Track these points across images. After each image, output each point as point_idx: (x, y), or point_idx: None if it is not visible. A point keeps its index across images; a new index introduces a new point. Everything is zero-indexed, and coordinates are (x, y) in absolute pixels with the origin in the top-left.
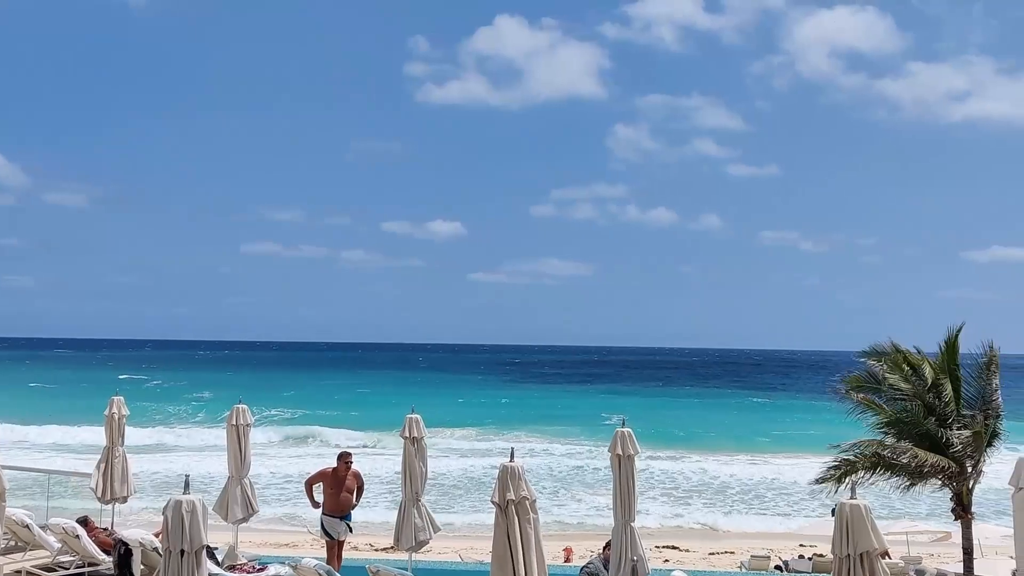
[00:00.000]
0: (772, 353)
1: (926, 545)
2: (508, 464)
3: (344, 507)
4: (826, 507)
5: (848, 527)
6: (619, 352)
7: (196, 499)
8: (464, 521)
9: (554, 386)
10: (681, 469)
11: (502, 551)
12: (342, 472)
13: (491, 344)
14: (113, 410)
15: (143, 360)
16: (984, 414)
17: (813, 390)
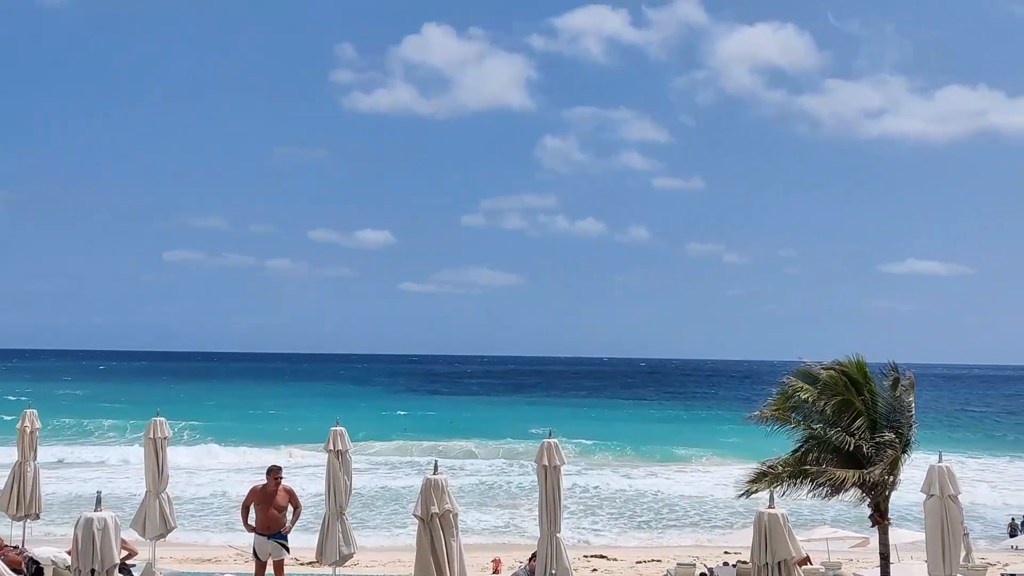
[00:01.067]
0: (698, 363)
1: (845, 551)
2: (431, 477)
3: (272, 525)
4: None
5: (766, 536)
6: (548, 362)
7: (108, 516)
8: (386, 536)
9: (482, 397)
10: (607, 481)
11: (425, 565)
12: (271, 488)
13: (420, 354)
14: (25, 423)
15: (58, 371)
16: (897, 429)
17: (737, 399)
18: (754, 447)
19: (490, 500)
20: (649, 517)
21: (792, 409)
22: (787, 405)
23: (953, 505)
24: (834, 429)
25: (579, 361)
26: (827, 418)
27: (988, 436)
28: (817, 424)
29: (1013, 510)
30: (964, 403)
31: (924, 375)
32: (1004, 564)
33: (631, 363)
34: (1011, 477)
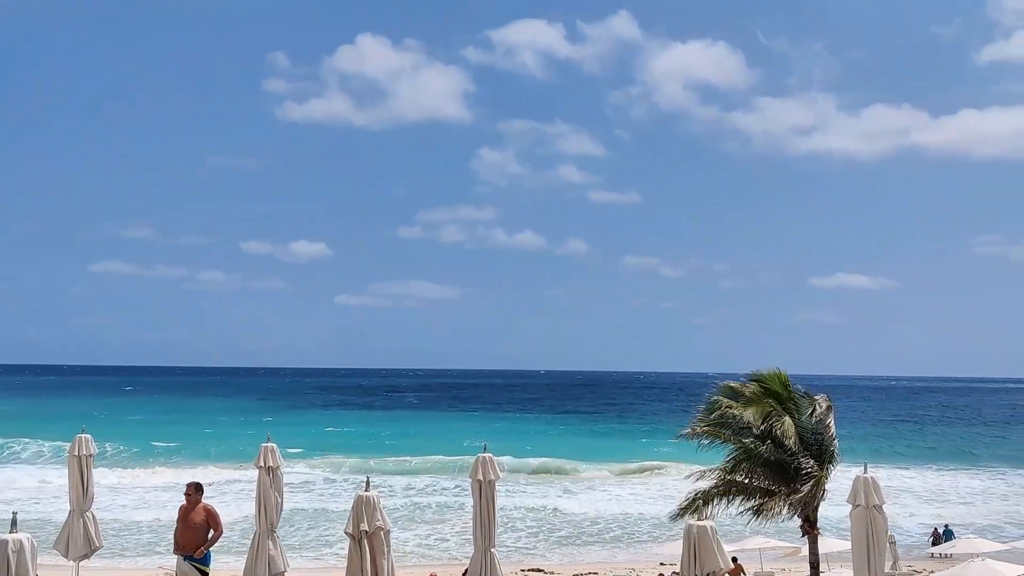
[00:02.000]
0: (634, 375)
1: (777, 561)
2: (363, 494)
3: (187, 545)
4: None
5: (695, 549)
6: (485, 375)
7: (24, 538)
8: (313, 555)
9: (417, 411)
10: (546, 492)
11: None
12: (188, 505)
13: (356, 368)
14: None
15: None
16: (821, 445)
17: (670, 412)
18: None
19: (422, 516)
20: (576, 532)
21: (720, 424)
22: (715, 420)
23: (878, 515)
24: (763, 443)
25: (516, 374)
26: (756, 430)
27: (913, 446)
28: (747, 438)
29: (937, 519)
30: (890, 414)
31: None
32: (930, 572)
33: (568, 376)
34: (936, 486)
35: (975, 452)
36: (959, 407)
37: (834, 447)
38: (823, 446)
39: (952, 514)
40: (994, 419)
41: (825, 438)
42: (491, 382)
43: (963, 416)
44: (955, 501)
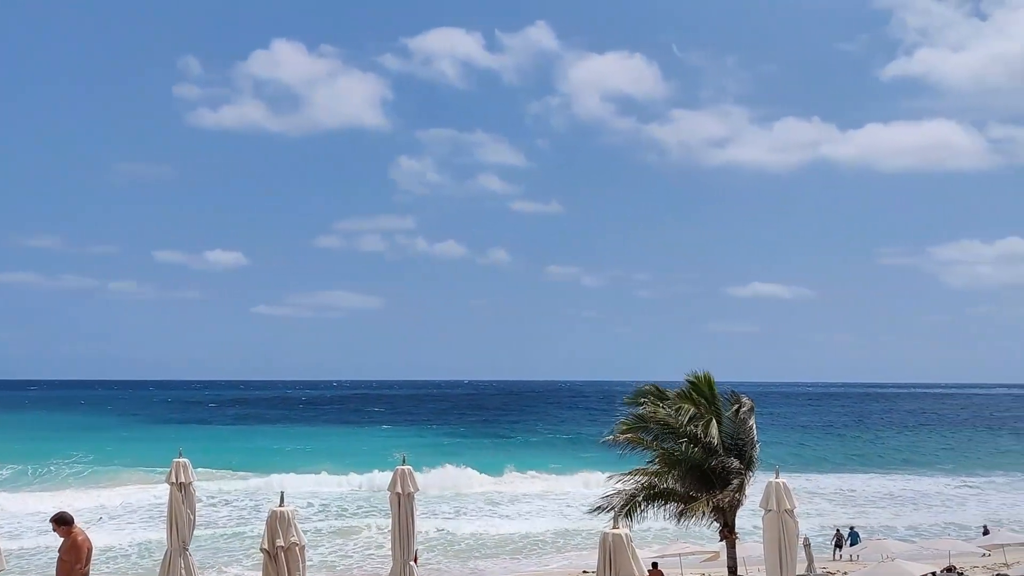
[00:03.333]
0: (556, 384)
1: (697, 565)
2: (277, 509)
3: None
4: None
5: (611, 556)
6: (406, 386)
7: None
8: (230, 571)
9: (335, 422)
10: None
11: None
12: (65, 539)
13: (274, 379)
14: None
15: None
16: (742, 449)
17: (591, 421)
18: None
19: (340, 530)
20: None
21: (642, 429)
22: (638, 423)
23: (789, 519)
24: (688, 447)
25: (439, 384)
26: (681, 433)
27: (826, 451)
28: (669, 443)
29: (849, 521)
30: (803, 420)
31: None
32: (844, 573)
33: (491, 385)
34: (847, 489)
35: (885, 456)
36: (869, 413)
37: (755, 451)
38: (744, 450)
39: (863, 516)
40: (903, 424)
41: (747, 442)
42: (412, 392)
43: (873, 421)
44: (866, 504)
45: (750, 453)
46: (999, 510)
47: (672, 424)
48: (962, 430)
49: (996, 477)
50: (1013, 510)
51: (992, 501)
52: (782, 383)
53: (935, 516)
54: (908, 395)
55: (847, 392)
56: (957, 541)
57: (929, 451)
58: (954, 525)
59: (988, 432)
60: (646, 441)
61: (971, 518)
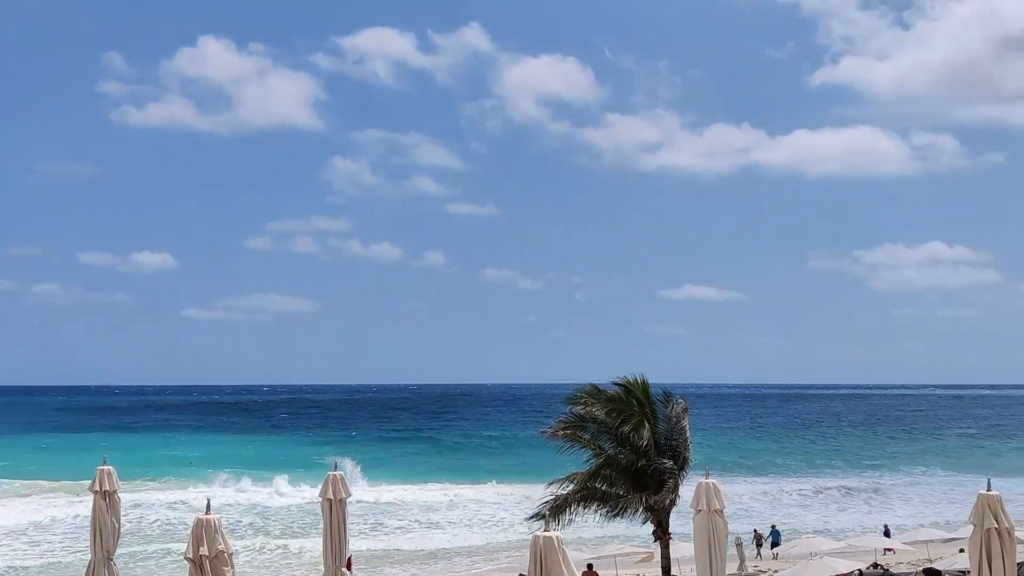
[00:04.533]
0: (493, 387)
1: (632, 566)
2: (203, 516)
3: None
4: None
5: (542, 559)
6: (341, 390)
7: None
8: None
9: (264, 428)
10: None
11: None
12: None
13: (205, 385)
14: None
15: None
16: (675, 450)
17: (527, 423)
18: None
19: (268, 536)
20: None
21: (581, 428)
22: (576, 422)
23: (719, 519)
24: (623, 448)
25: (374, 388)
26: (616, 435)
27: (757, 452)
28: (605, 443)
29: (780, 521)
30: (735, 421)
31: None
32: (774, 571)
33: (428, 389)
34: (777, 489)
35: (815, 457)
36: (799, 414)
37: (688, 452)
38: (678, 451)
39: (792, 516)
40: (832, 424)
41: (680, 443)
42: (346, 397)
43: (803, 422)
44: (794, 503)
45: (684, 454)
46: (924, 509)
47: (608, 424)
48: (888, 430)
49: (918, 476)
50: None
51: (915, 500)
52: (715, 384)
53: (863, 515)
54: (835, 396)
55: (778, 393)
56: (883, 538)
57: (855, 451)
58: (880, 524)
59: (908, 432)
60: (583, 439)
61: (896, 518)
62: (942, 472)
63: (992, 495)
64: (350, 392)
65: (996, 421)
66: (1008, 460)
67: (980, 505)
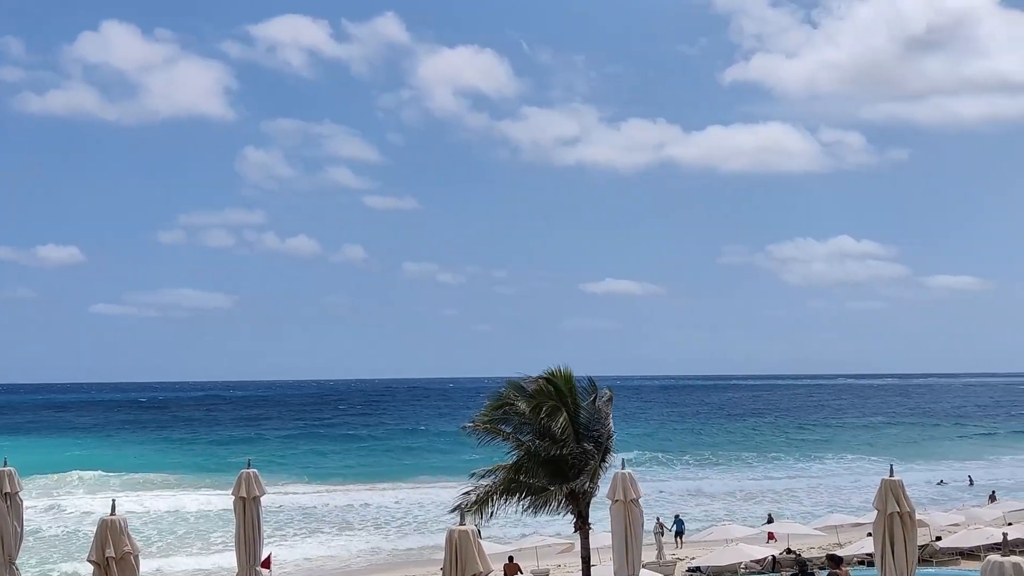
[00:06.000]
0: (416, 382)
1: (554, 557)
2: (108, 517)
3: None
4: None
5: (457, 552)
6: (257, 387)
7: None
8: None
9: (179, 426)
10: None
11: None
12: None
13: (116, 382)
14: None
15: None
16: (597, 440)
17: (453, 417)
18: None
19: (180, 537)
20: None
21: (502, 420)
22: (499, 416)
23: (634, 508)
24: (544, 440)
25: (291, 384)
26: (538, 427)
27: (674, 442)
28: (527, 436)
29: (699, 509)
30: (656, 412)
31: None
32: (691, 558)
33: (348, 384)
34: (694, 477)
35: (731, 446)
36: (717, 404)
37: (611, 443)
38: (599, 441)
39: (707, 504)
40: (743, 415)
41: (602, 433)
42: (263, 394)
43: (720, 413)
44: (713, 492)
45: (606, 444)
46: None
47: (529, 416)
48: (801, 420)
49: (828, 462)
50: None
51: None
52: (637, 376)
53: (776, 502)
54: (746, 387)
55: (697, 385)
56: (795, 524)
57: (775, 441)
58: (790, 511)
59: (819, 421)
60: (505, 433)
61: (804, 507)
62: (850, 457)
63: (894, 480)
64: (266, 389)
65: (905, 409)
66: (920, 446)
67: (883, 490)
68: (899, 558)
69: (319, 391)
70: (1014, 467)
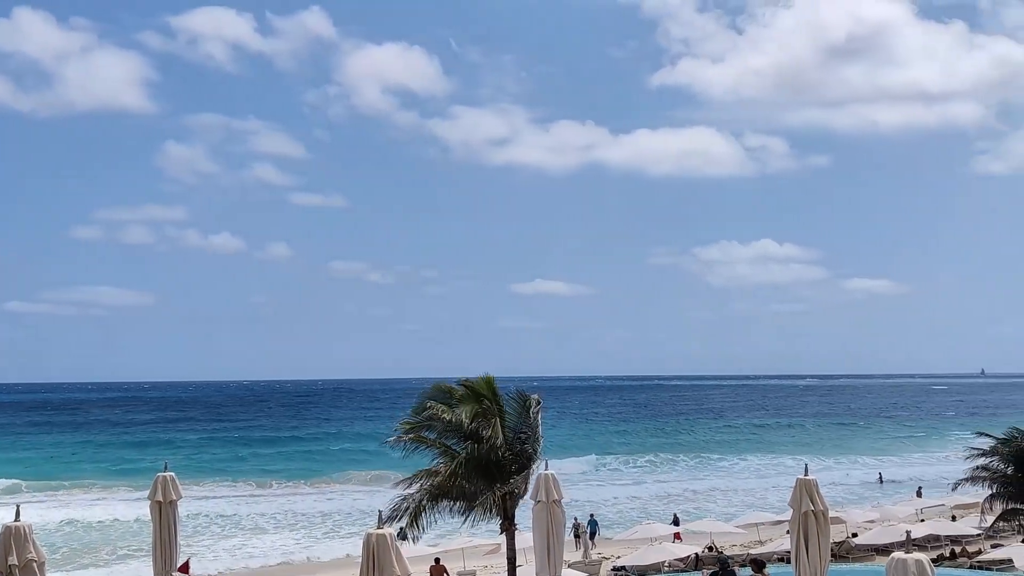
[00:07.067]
0: (344, 383)
1: (480, 558)
2: (12, 524)
3: None
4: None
5: (375, 557)
6: (179, 387)
7: None
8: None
9: (95, 427)
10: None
11: None
12: None
13: (29, 383)
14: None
15: None
16: (525, 443)
17: (381, 419)
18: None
19: (90, 544)
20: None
21: (426, 428)
22: (423, 422)
23: (557, 509)
24: (475, 444)
25: (213, 385)
26: (466, 433)
27: (603, 442)
28: (453, 440)
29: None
30: (583, 412)
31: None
32: (617, 556)
33: (273, 386)
34: (616, 478)
35: (651, 446)
36: (644, 404)
37: (539, 445)
38: (527, 444)
39: (629, 504)
40: (669, 415)
41: (530, 437)
42: (183, 396)
43: (642, 412)
44: (636, 492)
45: (533, 447)
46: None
47: (455, 423)
48: (726, 419)
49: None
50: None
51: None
52: (566, 377)
53: (695, 501)
54: (672, 387)
55: (624, 385)
56: (717, 523)
57: (700, 440)
58: (712, 509)
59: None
60: (429, 440)
61: (730, 504)
62: (772, 456)
63: (809, 480)
64: (187, 390)
65: (825, 409)
66: (838, 445)
67: (798, 489)
68: (813, 555)
69: (242, 392)
70: (925, 465)
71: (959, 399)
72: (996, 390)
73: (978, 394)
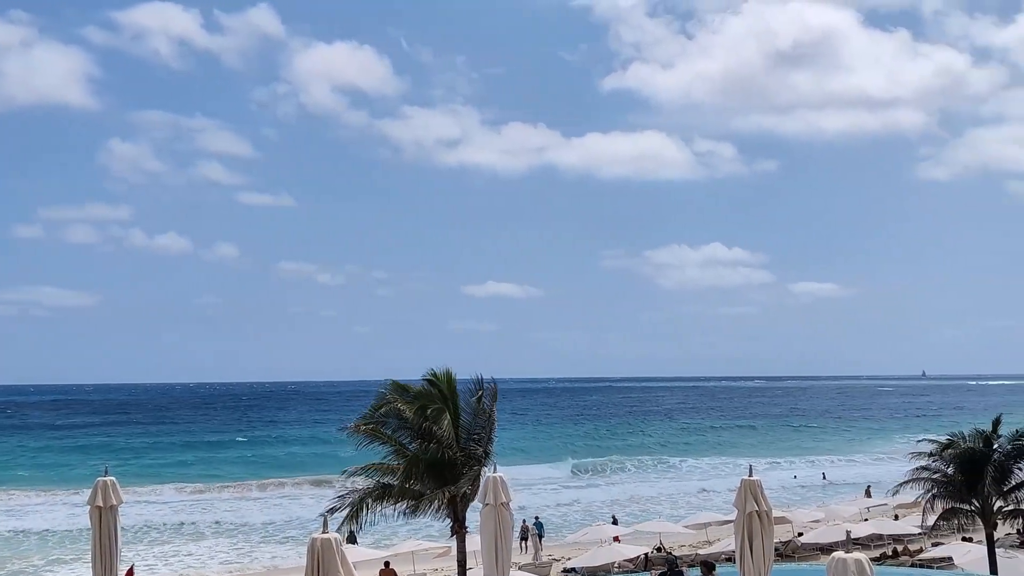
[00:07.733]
0: (292, 385)
1: (430, 561)
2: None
3: None
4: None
5: (319, 560)
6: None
7: None
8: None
9: (33, 429)
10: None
11: None
12: None
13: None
14: None
15: None
16: (479, 441)
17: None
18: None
19: (25, 552)
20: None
21: (383, 422)
22: (380, 418)
23: (504, 511)
24: (425, 442)
25: (157, 387)
26: (420, 430)
27: (550, 444)
28: (407, 438)
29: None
30: (534, 414)
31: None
32: (567, 558)
33: (219, 388)
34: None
35: (602, 448)
36: (594, 405)
37: (491, 445)
38: (480, 444)
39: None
40: (619, 416)
41: (483, 436)
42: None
43: (593, 414)
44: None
45: (486, 447)
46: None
47: (412, 419)
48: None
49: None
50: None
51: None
52: (517, 379)
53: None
54: (624, 388)
55: (576, 387)
56: (665, 523)
57: (650, 442)
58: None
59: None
60: (384, 435)
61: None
62: (721, 457)
63: (753, 480)
64: (130, 392)
65: (774, 410)
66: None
67: (743, 490)
68: (757, 555)
69: (188, 395)
70: (870, 465)
71: (904, 400)
72: (937, 391)
73: (921, 395)
